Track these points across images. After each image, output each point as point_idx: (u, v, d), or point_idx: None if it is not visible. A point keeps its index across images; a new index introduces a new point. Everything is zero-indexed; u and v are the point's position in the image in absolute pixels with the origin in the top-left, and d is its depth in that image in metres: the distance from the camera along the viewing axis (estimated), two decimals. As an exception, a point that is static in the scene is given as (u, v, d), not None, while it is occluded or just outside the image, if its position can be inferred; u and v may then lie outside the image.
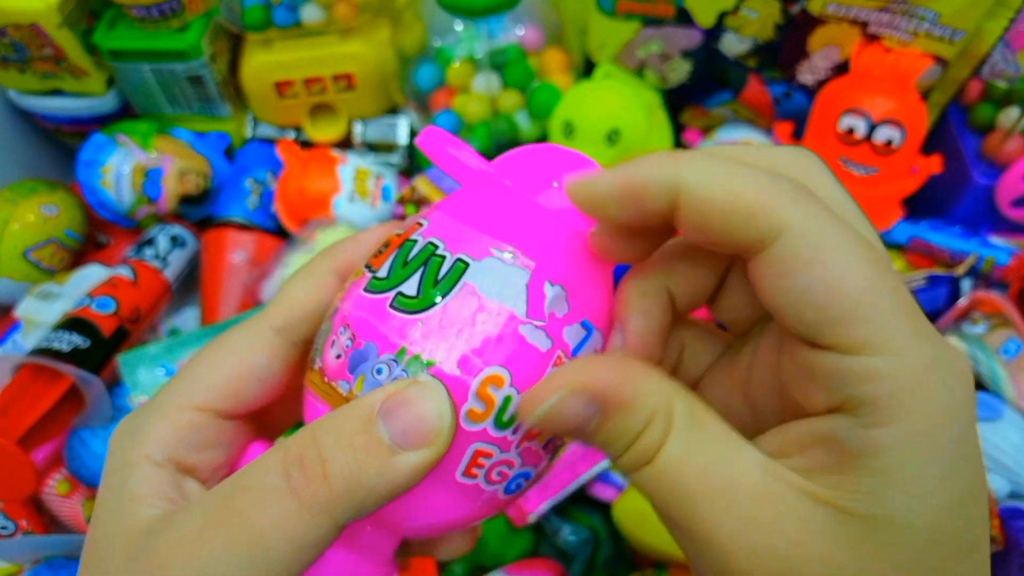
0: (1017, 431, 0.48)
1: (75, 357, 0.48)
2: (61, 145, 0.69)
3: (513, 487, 0.19)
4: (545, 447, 0.20)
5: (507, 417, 0.18)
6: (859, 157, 0.55)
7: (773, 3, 0.54)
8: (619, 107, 0.55)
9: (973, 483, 0.15)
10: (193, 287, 0.62)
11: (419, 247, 0.19)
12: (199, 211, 0.64)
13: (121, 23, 0.60)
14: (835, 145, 0.55)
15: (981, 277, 0.56)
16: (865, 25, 0.53)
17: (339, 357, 0.19)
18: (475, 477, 0.18)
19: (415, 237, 0.19)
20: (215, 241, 0.60)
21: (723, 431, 0.17)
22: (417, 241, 0.19)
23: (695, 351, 0.21)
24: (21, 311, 0.55)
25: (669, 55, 0.59)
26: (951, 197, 0.58)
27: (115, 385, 0.51)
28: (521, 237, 0.19)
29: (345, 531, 0.17)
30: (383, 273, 0.19)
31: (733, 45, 0.58)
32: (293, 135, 0.67)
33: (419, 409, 0.17)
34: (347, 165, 0.61)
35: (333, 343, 0.19)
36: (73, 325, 0.50)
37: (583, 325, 0.19)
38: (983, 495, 0.15)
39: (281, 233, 0.62)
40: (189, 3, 0.59)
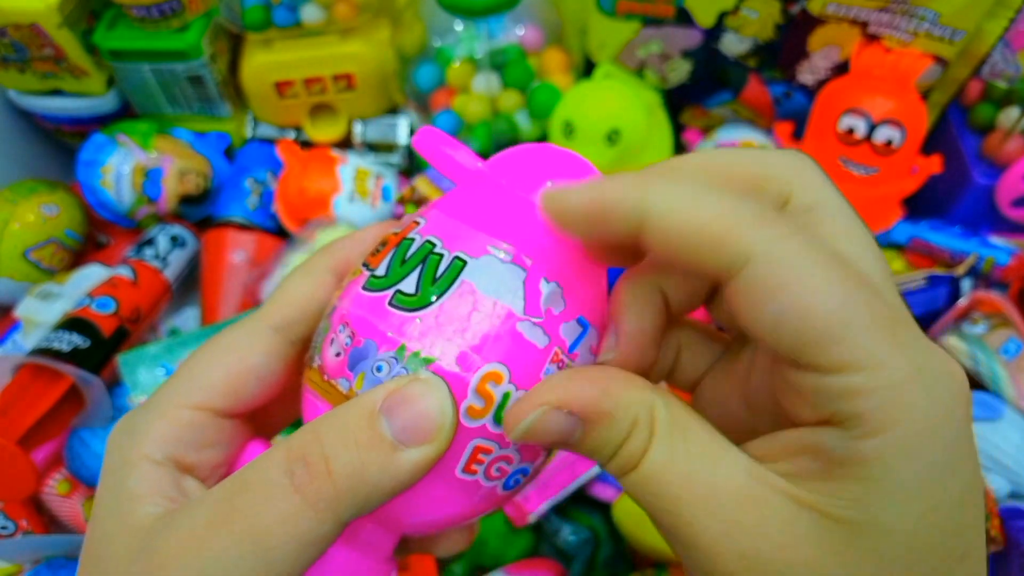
0: (1017, 431, 0.48)
1: (75, 357, 0.48)
2: (61, 145, 0.69)
3: (512, 483, 0.20)
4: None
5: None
6: (859, 157, 0.55)
7: (773, 3, 0.54)
8: (619, 107, 0.55)
9: (964, 490, 0.15)
10: (193, 287, 0.62)
11: (417, 245, 0.19)
12: (199, 211, 0.64)
13: (121, 23, 0.60)
14: (835, 145, 0.55)
15: (981, 277, 0.56)
16: (865, 25, 0.53)
17: (338, 355, 0.19)
18: (475, 473, 0.19)
19: (412, 235, 0.20)
20: (215, 241, 0.60)
21: (708, 436, 0.17)
22: (415, 239, 0.19)
23: (692, 353, 0.21)
24: (21, 311, 0.55)
25: (669, 55, 0.59)
26: (951, 197, 0.58)
27: (115, 385, 0.51)
28: (517, 235, 0.19)
29: (345, 528, 0.17)
30: (381, 271, 0.19)
31: (733, 45, 0.58)
32: (293, 135, 0.67)
33: (421, 406, 0.17)
34: (347, 165, 0.61)
35: (332, 341, 0.19)
36: (73, 325, 0.50)
37: (579, 322, 0.19)
38: (976, 502, 0.15)
39: (281, 233, 0.62)
40: (189, 3, 0.59)
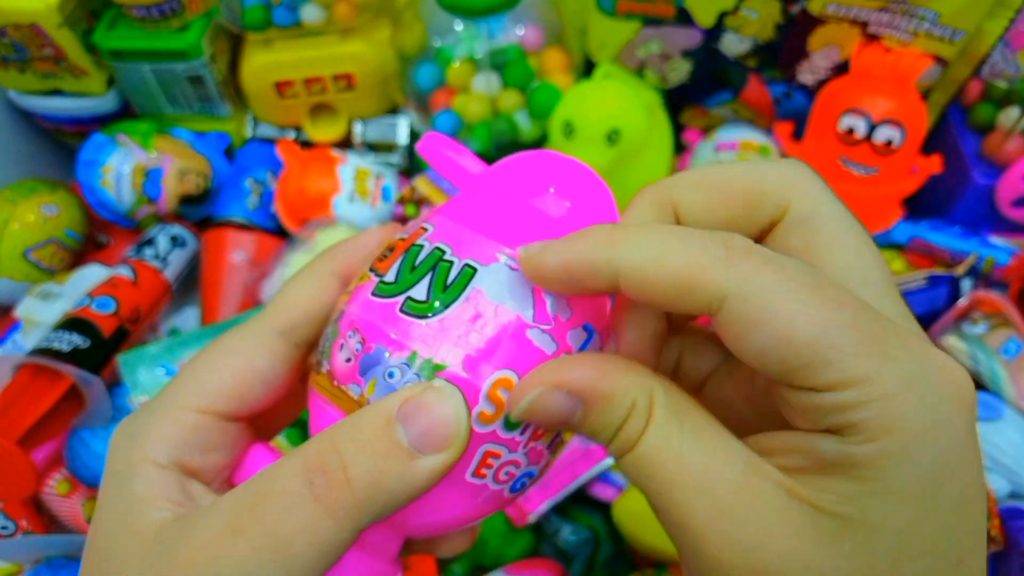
0: (1017, 431, 0.48)
1: (75, 357, 0.48)
2: (61, 145, 0.69)
3: (518, 486, 0.20)
4: (548, 447, 0.20)
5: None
6: (859, 157, 0.55)
7: (773, 3, 0.54)
8: (619, 107, 0.54)
9: (960, 495, 0.15)
10: (193, 287, 0.62)
11: (426, 252, 0.19)
12: (199, 211, 0.64)
13: (121, 23, 0.60)
14: (835, 145, 0.55)
15: (981, 277, 0.57)
16: (865, 25, 0.53)
17: (349, 361, 0.19)
18: (484, 477, 0.19)
19: (421, 242, 0.20)
20: (215, 241, 0.60)
21: (705, 423, 0.17)
22: (424, 246, 0.20)
23: (694, 358, 0.22)
24: (21, 311, 0.55)
25: (669, 55, 0.59)
26: (951, 197, 0.58)
27: (115, 385, 0.51)
28: (525, 243, 0.19)
29: None
30: (391, 277, 0.19)
31: (733, 45, 0.58)
32: (293, 135, 0.67)
33: (437, 413, 0.17)
34: (347, 165, 0.61)
35: (341, 346, 0.19)
36: (73, 325, 0.50)
37: (585, 328, 0.19)
38: (975, 508, 0.15)
39: (281, 233, 0.62)
40: (189, 3, 0.59)
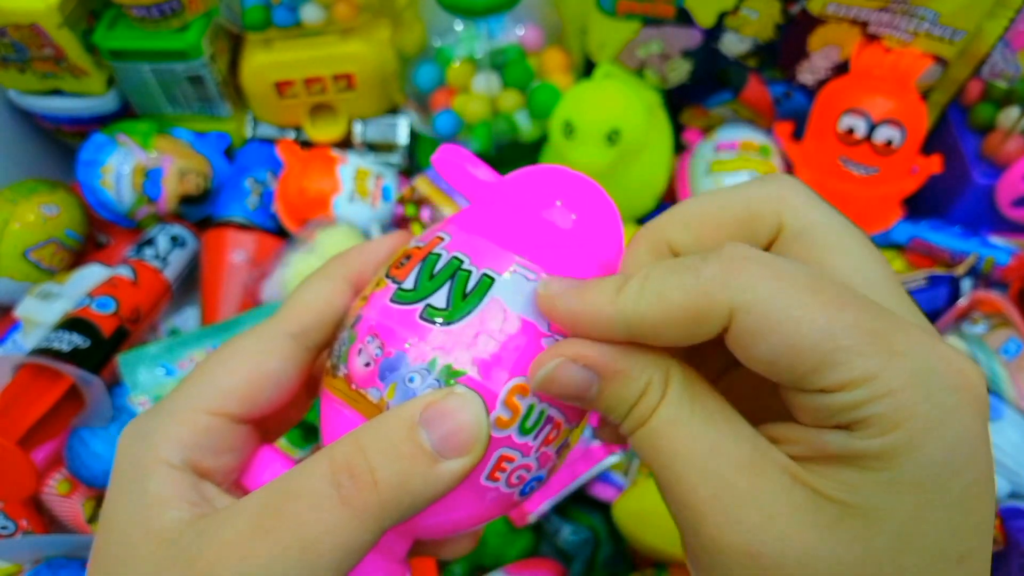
0: (1017, 431, 0.48)
1: (75, 357, 0.48)
2: (61, 145, 0.69)
3: (527, 489, 0.21)
4: (557, 451, 0.21)
5: (530, 424, 0.19)
6: (859, 157, 0.55)
7: (773, 3, 0.54)
8: (619, 107, 0.54)
9: (966, 492, 0.15)
10: (193, 287, 0.62)
11: (444, 261, 0.20)
12: (199, 211, 0.64)
13: (121, 23, 0.60)
14: (835, 145, 0.55)
15: (981, 277, 0.57)
16: (865, 25, 0.53)
17: (368, 365, 0.20)
18: (497, 480, 0.19)
19: (438, 251, 0.20)
20: (215, 241, 0.60)
21: (718, 405, 0.18)
22: (441, 255, 0.20)
23: (706, 358, 0.22)
24: (21, 311, 0.55)
25: (669, 55, 0.59)
26: (951, 197, 0.58)
27: (115, 385, 0.51)
28: (542, 254, 0.20)
29: None
30: (409, 284, 0.20)
31: (733, 45, 0.58)
32: (293, 135, 0.67)
33: (459, 419, 0.18)
34: (347, 165, 0.61)
35: (360, 351, 0.20)
36: (73, 325, 0.50)
37: None
38: (982, 505, 0.15)
39: (281, 233, 0.62)
40: (189, 3, 0.59)
